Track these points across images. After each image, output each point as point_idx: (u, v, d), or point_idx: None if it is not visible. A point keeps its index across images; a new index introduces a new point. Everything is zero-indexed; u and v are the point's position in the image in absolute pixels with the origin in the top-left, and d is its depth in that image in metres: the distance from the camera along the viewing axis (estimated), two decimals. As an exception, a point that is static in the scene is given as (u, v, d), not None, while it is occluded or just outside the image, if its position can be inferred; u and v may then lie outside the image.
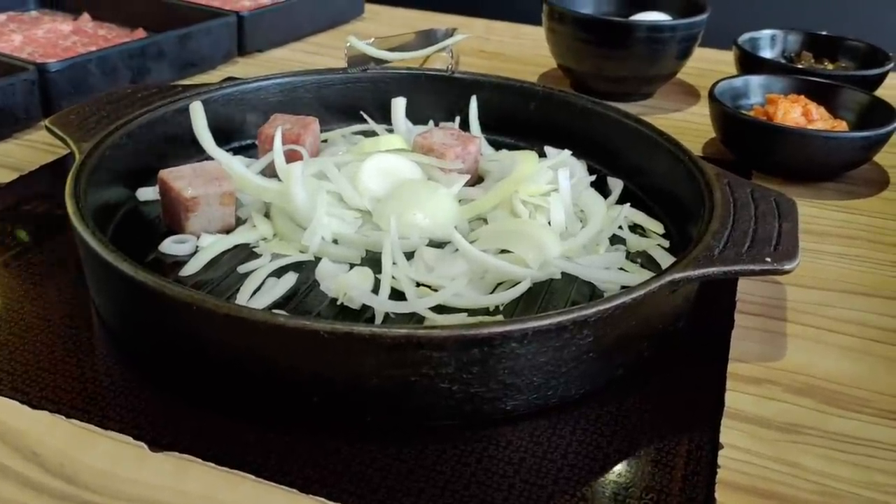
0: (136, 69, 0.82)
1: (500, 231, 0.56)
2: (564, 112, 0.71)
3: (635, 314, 0.45)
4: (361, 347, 0.40)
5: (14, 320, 0.49)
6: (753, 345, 0.51)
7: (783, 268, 0.48)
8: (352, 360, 0.41)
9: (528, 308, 0.52)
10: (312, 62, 0.97)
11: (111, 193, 0.58)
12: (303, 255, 0.55)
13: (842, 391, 0.48)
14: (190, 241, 0.56)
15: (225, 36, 0.91)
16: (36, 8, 1.05)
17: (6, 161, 0.69)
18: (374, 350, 0.40)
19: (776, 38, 0.90)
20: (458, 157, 0.63)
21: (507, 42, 1.08)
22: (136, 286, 0.43)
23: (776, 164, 0.71)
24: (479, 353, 0.41)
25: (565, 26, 0.86)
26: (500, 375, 0.42)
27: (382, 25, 1.11)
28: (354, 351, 0.40)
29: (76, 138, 0.58)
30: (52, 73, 0.74)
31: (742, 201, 0.54)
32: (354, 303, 0.50)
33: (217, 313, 0.41)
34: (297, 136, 0.64)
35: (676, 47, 0.84)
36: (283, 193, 0.57)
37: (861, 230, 0.66)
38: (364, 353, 0.40)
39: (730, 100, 0.76)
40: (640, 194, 0.65)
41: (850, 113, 0.75)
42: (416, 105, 0.72)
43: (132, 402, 0.44)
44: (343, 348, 0.40)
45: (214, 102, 0.66)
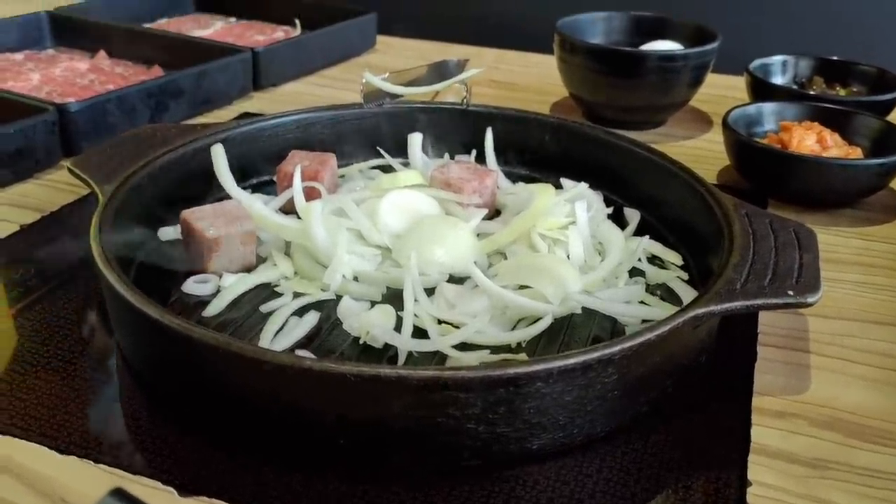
0: (155, 107, 0.83)
1: (519, 266, 0.56)
2: (579, 143, 0.71)
3: (659, 350, 0.45)
4: (388, 390, 0.40)
5: (40, 364, 0.50)
6: (777, 377, 0.51)
7: (806, 301, 0.48)
8: (378, 403, 0.41)
9: (551, 344, 0.52)
10: (326, 95, 0.98)
11: (133, 234, 0.58)
12: (324, 293, 0.55)
13: (867, 424, 0.48)
14: (212, 281, 0.56)
15: (240, 72, 0.92)
16: (53, 46, 1.07)
17: (28, 201, 0.70)
18: (400, 392, 0.40)
19: (787, 63, 0.91)
20: (476, 192, 0.63)
21: (517, 71, 1.09)
22: (163, 330, 0.43)
23: (792, 191, 0.71)
24: (505, 394, 0.41)
25: (577, 56, 0.87)
26: (525, 415, 0.42)
27: (394, 57, 1.12)
28: (381, 393, 0.40)
29: (98, 180, 0.59)
30: (73, 113, 0.75)
31: (761, 233, 0.54)
32: (377, 342, 0.50)
33: (244, 357, 0.41)
34: (315, 172, 0.65)
35: (688, 76, 0.85)
36: (303, 232, 0.57)
37: (879, 257, 0.65)
38: (391, 395, 0.40)
39: (743, 127, 0.76)
40: (657, 225, 0.65)
41: (865, 139, 0.75)
42: (431, 139, 0.73)
43: (159, 445, 0.44)
44: (370, 391, 0.40)
45: (232, 140, 0.67)
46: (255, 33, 1.14)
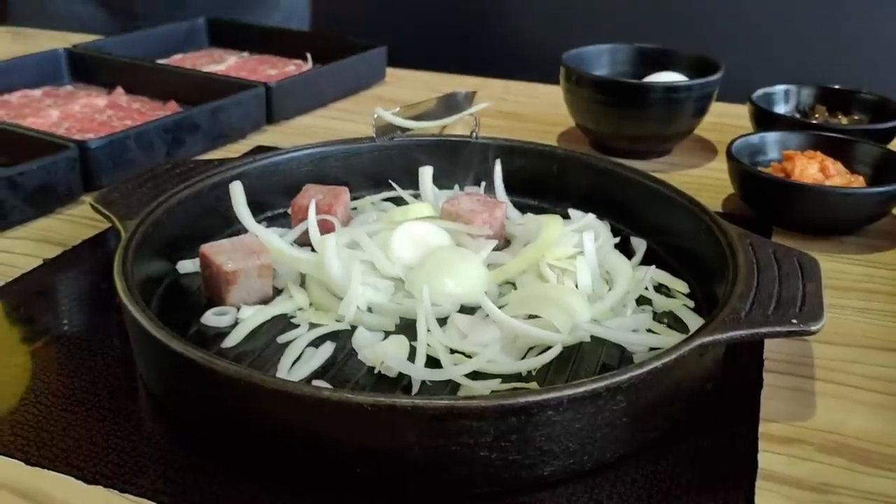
0: (171, 141, 0.85)
1: (529, 296, 0.57)
2: (586, 173, 0.73)
3: (666, 378, 0.46)
4: (403, 419, 0.41)
5: (65, 395, 0.51)
6: (783, 404, 0.52)
7: (809, 328, 0.49)
8: (394, 432, 0.42)
9: (560, 372, 0.53)
10: (337, 127, 1.00)
11: (154, 268, 0.60)
12: (339, 324, 0.57)
13: (872, 449, 0.49)
14: (230, 313, 0.58)
15: (254, 106, 0.95)
16: (71, 83, 1.09)
17: (50, 236, 0.72)
18: (415, 421, 0.41)
19: (790, 92, 0.92)
20: (486, 223, 0.65)
21: (524, 102, 1.11)
22: (184, 361, 0.45)
23: (796, 220, 0.73)
24: (516, 422, 0.42)
25: (583, 88, 0.89)
26: (537, 442, 0.43)
27: (404, 89, 1.14)
28: (397, 422, 0.42)
29: (120, 216, 0.61)
30: (93, 149, 0.77)
31: (765, 262, 0.55)
32: (392, 371, 0.52)
33: (262, 387, 0.43)
34: (328, 206, 0.66)
35: (692, 106, 0.86)
36: (318, 265, 0.59)
37: (883, 283, 0.67)
38: (406, 425, 0.42)
39: (747, 157, 0.77)
40: (663, 254, 0.67)
41: (867, 167, 0.76)
42: (442, 171, 0.74)
43: (182, 474, 0.45)
44: (386, 420, 0.42)
45: (248, 175, 0.69)
46: (268, 67, 1.16)
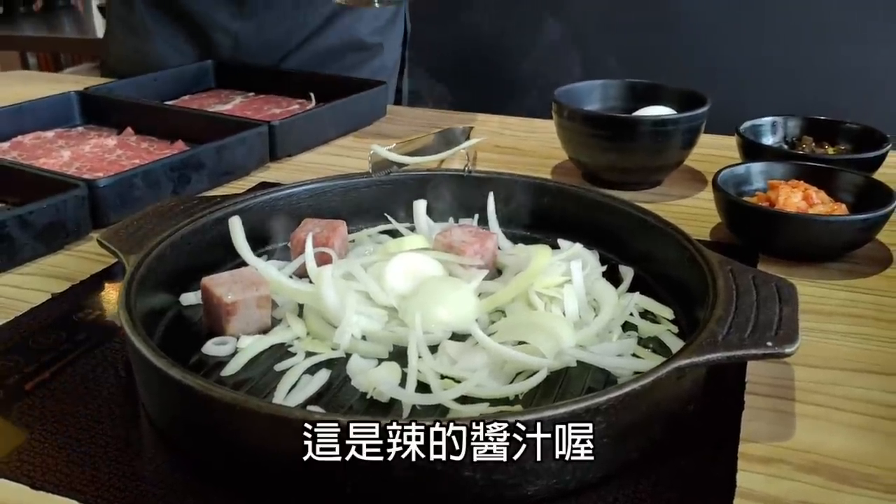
0: (178, 179, 0.88)
1: (517, 323, 0.60)
2: (576, 205, 0.75)
3: (646, 400, 0.48)
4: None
5: (70, 423, 0.53)
6: (763, 425, 0.54)
7: (784, 351, 0.51)
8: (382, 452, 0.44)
9: (546, 396, 0.55)
10: (338, 164, 1.03)
11: (158, 300, 0.63)
12: (334, 352, 0.59)
13: (850, 468, 0.50)
14: (230, 343, 0.60)
15: (258, 144, 0.98)
16: (82, 124, 1.13)
17: (59, 271, 0.75)
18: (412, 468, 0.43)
19: (777, 124, 0.95)
20: (477, 254, 0.67)
21: (520, 136, 1.14)
22: (185, 389, 0.47)
23: (781, 247, 0.75)
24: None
25: (574, 123, 0.91)
26: (520, 462, 0.45)
27: (403, 126, 1.18)
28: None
29: (125, 251, 0.63)
30: (101, 188, 0.80)
31: (744, 287, 0.57)
32: (384, 396, 0.54)
33: (259, 413, 0.45)
34: (326, 238, 0.69)
35: (681, 138, 0.89)
36: (314, 295, 0.61)
37: (866, 308, 0.68)
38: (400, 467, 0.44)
39: (733, 187, 0.80)
40: (650, 281, 0.69)
41: (850, 195, 0.78)
42: (436, 204, 0.77)
43: (182, 498, 0.47)
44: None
45: (249, 210, 0.72)
46: (273, 107, 1.20)
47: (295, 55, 1.34)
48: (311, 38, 1.34)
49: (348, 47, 1.36)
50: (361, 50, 1.38)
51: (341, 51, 1.36)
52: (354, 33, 1.36)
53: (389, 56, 1.43)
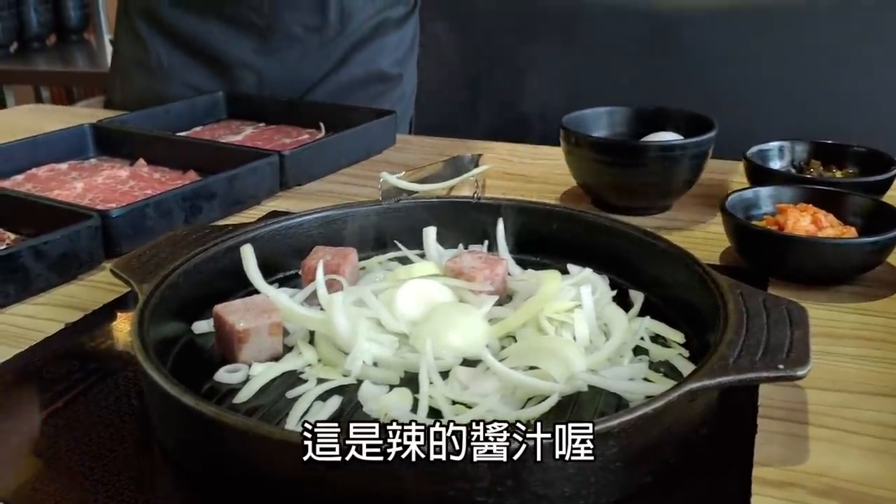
0: (189, 209, 0.89)
1: (527, 348, 0.60)
2: (585, 230, 0.76)
3: (658, 423, 0.48)
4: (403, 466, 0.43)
5: (84, 451, 0.54)
6: (777, 448, 0.54)
7: (796, 374, 0.51)
8: (394, 478, 0.44)
9: (558, 421, 0.54)
10: (348, 192, 1.04)
11: (170, 328, 0.63)
12: (346, 378, 0.59)
13: (864, 492, 0.50)
14: (242, 370, 0.60)
15: (268, 174, 0.99)
16: (96, 156, 1.15)
17: (72, 301, 0.75)
18: (414, 468, 0.43)
19: (784, 148, 0.95)
20: (487, 280, 0.67)
21: (528, 163, 1.15)
22: (198, 417, 0.48)
23: (790, 271, 0.75)
24: (511, 468, 0.44)
25: (582, 149, 0.92)
26: (532, 487, 0.45)
27: (413, 154, 1.19)
28: (397, 469, 0.44)
29: (138, 280, 0.64)
30: (114, 218, 0.81)
31: (755, 311, 0.57)
32: (395, 422, 0.54)
33: (271, 439, 0.45)
34: (337, 266, 0.69)
35: (688, 164, 0.89)
36: (325, 322, 0.62)
37: (877, 331, 0.68)
38: (405, 472, 0.44)
39: (741, 211, 0.80)
40: (660, 305, 0.69)
41: (858, 218, 0.78)
42: (446, 231, 0.77)
43: (193, 525, 0.47)
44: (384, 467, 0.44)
45: (260, 239, 0.72)
46: (283, 137, 1.21)
47: (318, 88, 1.35)
48: (333, 71, 1.35)
49: (370, 79, 1.38)
50: (383, 81, 1.39)
51: (363, 83, 1.37)
52: (376, 65, 1.38)
53: (408, 84, 1.45)
